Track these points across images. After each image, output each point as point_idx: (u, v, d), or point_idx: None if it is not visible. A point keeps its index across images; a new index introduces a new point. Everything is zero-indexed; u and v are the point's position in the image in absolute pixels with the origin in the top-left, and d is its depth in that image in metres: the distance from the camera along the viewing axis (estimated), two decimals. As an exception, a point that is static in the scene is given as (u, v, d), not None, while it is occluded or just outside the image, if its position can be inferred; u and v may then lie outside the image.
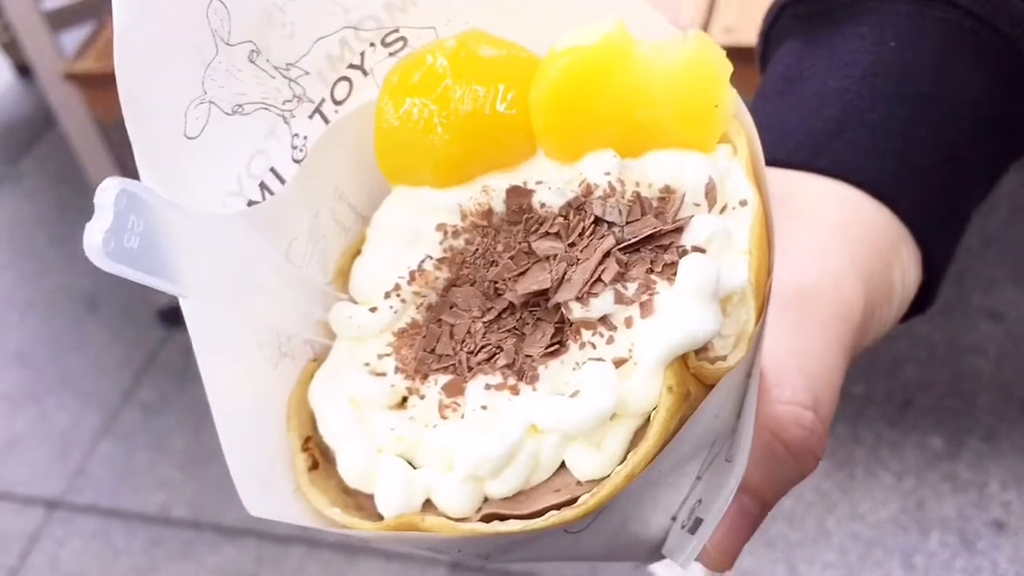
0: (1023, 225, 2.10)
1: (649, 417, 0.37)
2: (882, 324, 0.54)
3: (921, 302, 0.58)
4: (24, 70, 3.11)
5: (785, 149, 0.55)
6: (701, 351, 0.38)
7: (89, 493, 2.10)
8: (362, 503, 0.41)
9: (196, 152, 0.39)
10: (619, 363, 0.38)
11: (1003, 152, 0.60)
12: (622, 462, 0.37)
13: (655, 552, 0.45)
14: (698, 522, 0.43)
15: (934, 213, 0.55)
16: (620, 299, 0.38)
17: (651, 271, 0.38)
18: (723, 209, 0.40)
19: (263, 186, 0.42)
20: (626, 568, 0.45)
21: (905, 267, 0.54)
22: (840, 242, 0.51)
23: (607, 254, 0.39)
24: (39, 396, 2.30)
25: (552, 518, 0.37)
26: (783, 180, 0.54)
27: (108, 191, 0.33)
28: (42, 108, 2.54)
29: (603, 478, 0.37)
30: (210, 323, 0.39)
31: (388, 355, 0.42)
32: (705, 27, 1.70)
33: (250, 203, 0.42)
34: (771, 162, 0.55)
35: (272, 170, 0.43)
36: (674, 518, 0.44)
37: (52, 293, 2.50)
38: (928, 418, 1.88)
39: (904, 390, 1.93)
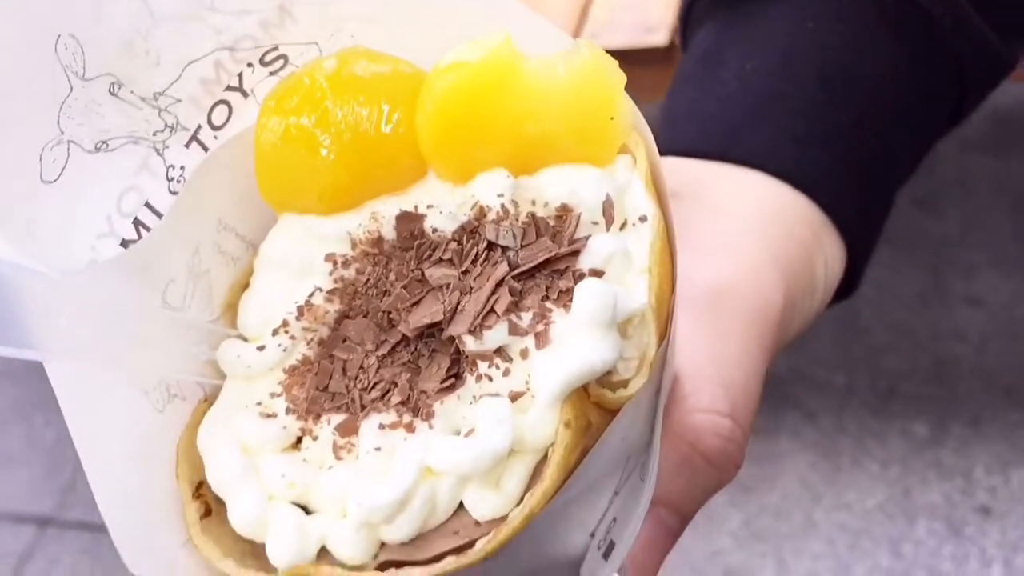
0: (1001, 211, 2.10)
1: (548, 452, 0.36)
2: (805, 315, 0.53)
3: (846, 287, 0.57)
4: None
5: (702, 137, 0.54)
6: (604, 376, 0.36)
7: (80, 509, 2.09)
8: (258, 551, 0.39)
9: (55, 197, 0.37)
10: (515, 397, 0.36)
11: (927, 129, 0.59)
12: (521, 500, 0.35)
13: (576, 568, 0.43)
14: (612, 546, 0.42)
15: (855, 199, 0.54)
16: (515, 330, 0.36)
17: (546, 299, 0.36)
18: (623, 225, 0.38)
19: (138, 222, 0.40)
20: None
21: (827, 256, 0.53)
22: (758, 236, 0.50)
23: (500, 283, 0.37)
24: (26, 413, 2.29)
25: (449, 564, 0.35)
26: (699, 172, 0.53)
27: None
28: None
29: (503, 517, 0.36)
30: (77, 380, 0.37)
31: (279, 395, 0.40)
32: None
33: (124, 242, 0.39)
34: (688, 152, 0.53)
35: (147, 205, 0.40)
36: (592, 535, 0.42)
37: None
38: (912, 406, 1.88)
39: (887, 379, 1.92)
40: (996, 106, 2.18)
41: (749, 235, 0.50)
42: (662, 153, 0.53)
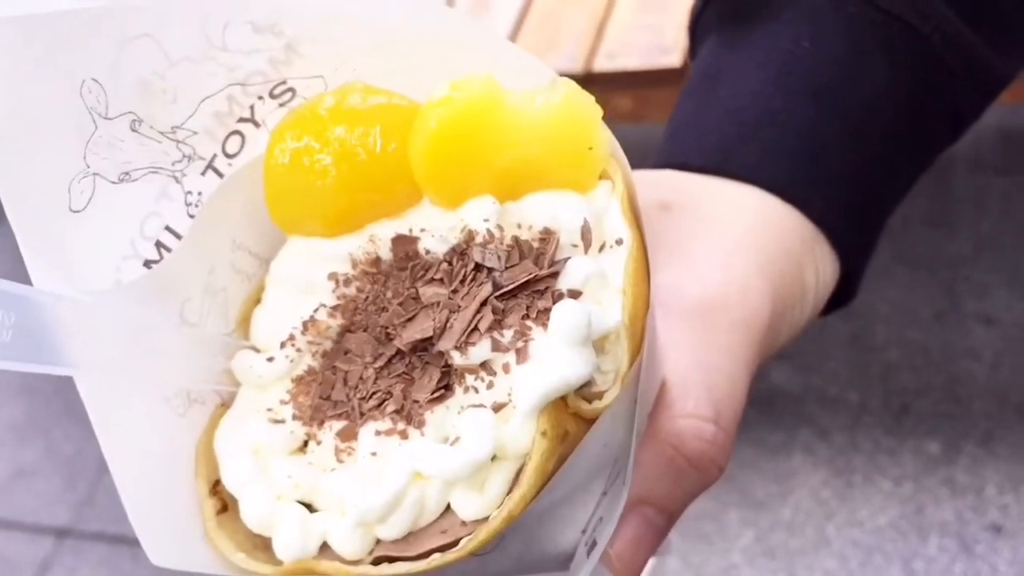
0: (1014, 230, 2.11)
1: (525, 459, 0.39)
2: (794, 324, 0.54)
3: (843, 296, 0.59)
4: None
5: (698, 151, 0.56)
6: (583, 388, 0.39)
7: (97, 521, 2.14)
8: (268, 544, 0.42)
9: (83, 224, 0.40)
10: (498, 408, 0.39)
11: (921, 147, 0.60)
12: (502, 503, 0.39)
13: (567, 563, 0.46)
14: (594, 543, 0.45)
15: (848, 211, 0.56)
16: (497, 347, 0.39)
17: (527, 317, 0.39)
18: (601, 247, 0.41)
19: (159, 244, 0.43)
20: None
21: (818, 267, 0.55)
22: (747, 249, 0.52)
23: (484, 302, 0.40)
24: (46, 426, 2.34)
25: (435, 560, 0.39)
26: (694, 186, 0.55)
27: None
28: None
29: (486, 518, 0.39)
30: (104, 390, 0.40)
31: (287, 402, 0.43)
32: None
33: (147, 263, 0.43)
34: (685, 165, 0.55)
35: (168, 228, 0.44)
36: (584, 531, 0.45)
37: (57, 324, 2.54)
38: (925, 424, 1.89)
39: (900, 397, 1.93)
40: (1009, 127, 2.19)
41: (738, 248, 0.51)
42: (660, 165, 0.55)
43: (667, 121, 0.61)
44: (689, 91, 0.61)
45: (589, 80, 1.66)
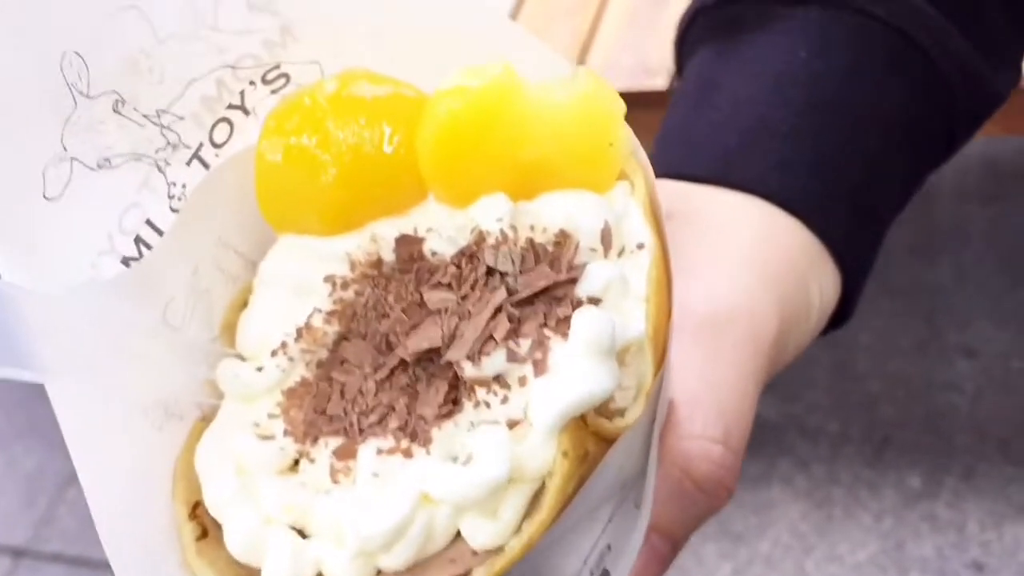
0: (996, 260, 2.11)
1: (545, 481, 0.36)
2: (799, 341, 0.53)
3: (840, 315, 0.58)
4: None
5: (697, 163, 0.55)
6: (600, 405, 0.36)
7: (56, 541, 2.10)
8: (255, 574, 0.38)
9: (57, 213, 0.37)
10: (513, 424, 0.36)
11: (919, 159, 0.60)
12: (519, 529, 0.35)
13: None
14: (606, 573, 0.42)
15: (848, 225, 0.55)
16: (513, 357, 0.36)
17: (544, 326, 0.37)
18: (621, 252, 0.39)
19: (139, 240, 0.40)
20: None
21: (822, 282, 0.54)
22: (752, 261, 0.51)
23: (499, 309, 0.37)
24: (7, 441, 2.30)
25: None
26: (693, 194, 0.53)
27: None
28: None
29: (499, 547, 0.36)
30: (77, 398, 0.37)
31: (277, 416, 0.40)
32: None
33: (124, 259, 0.40)
34: (681, 175, 0.54)
35: (148, 222, 0.41)
36: (585, 561, 0.42)
37: (21, 340, 2.52)
38: (906, 457, 1.87)
39: (881, 429, 1.92)
40: (993, 157, 2.21)
41: (743, 260, 0.50)
42: (656, 175, 0.54)
43: (659, 129, 0.60)
44: (681, 99, 0.60)
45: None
